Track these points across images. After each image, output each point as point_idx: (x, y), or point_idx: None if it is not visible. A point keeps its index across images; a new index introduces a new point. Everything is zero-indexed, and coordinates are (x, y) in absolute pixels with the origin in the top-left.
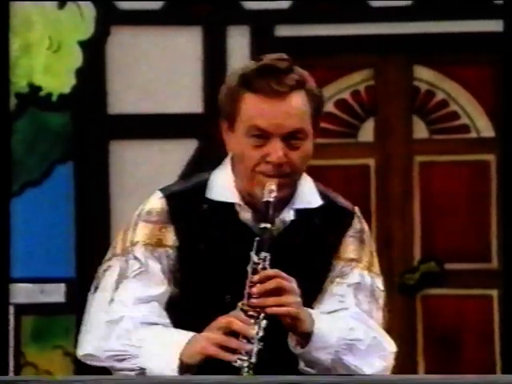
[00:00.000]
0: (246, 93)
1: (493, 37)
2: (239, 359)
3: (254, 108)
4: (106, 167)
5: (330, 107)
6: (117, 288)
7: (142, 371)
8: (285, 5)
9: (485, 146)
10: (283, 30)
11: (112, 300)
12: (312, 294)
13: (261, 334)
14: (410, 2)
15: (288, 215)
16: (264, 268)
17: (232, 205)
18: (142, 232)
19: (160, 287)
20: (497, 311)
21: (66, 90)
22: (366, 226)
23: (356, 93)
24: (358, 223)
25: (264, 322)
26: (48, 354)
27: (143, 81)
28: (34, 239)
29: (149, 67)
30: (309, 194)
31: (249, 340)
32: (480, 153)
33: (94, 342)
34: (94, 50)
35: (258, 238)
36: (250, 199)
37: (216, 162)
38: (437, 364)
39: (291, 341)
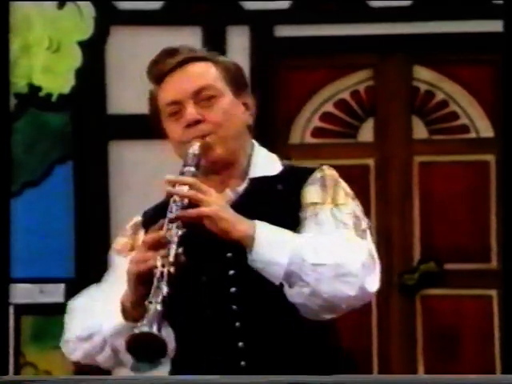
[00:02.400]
0: (158, 87)
1: (492, 37)
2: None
3: (162, 91)
4: (105, 167)
5: (329, 107)
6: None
7: (108, 346)
8: (284, 5)
9: (484, 146)
10: (283, 30)
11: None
12: None
13: (176, 239)
14: (409, 2)
15: (241, 186)
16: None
17: None
18: (114, 247)
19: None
20: (496, 311)
21: (66, 90)
22: (330, 173)
23: (356, 93)
24: (319, 173)
25: (178, 231)
26: (48, 354)
27: (143, 81)
28: (34, 239)
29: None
30: (264, 163)
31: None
32: (479, 153)
33: (68, 331)
34: (94, 50)
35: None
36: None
37: None
38: (436, 364)
39: (247, 254)
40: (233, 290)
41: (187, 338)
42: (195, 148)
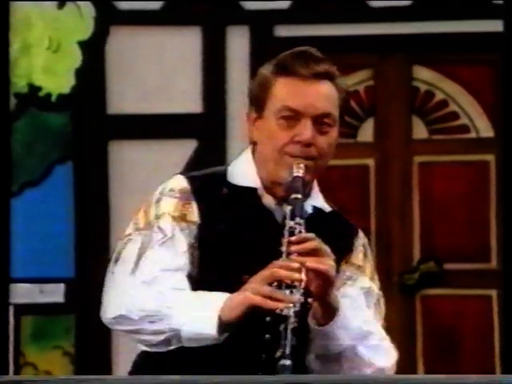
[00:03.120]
0: (279, 78)
1: (492, 37)
2: (285, 307)
3: (286, 89)
4: (105, 167)
5: None
6: (141, 257)
7: (172, 333)
8: (284, 5)
9: (484, 146)
10: (283, 30)
11: (137, 267)
12: None
13: (301, 289)
14: (409, 2)
15: (307, 208)
16: (300, 232)
17: (254, 190)
18: (166, 205)
19: (185, 258)
20: (496, 311)
21: (66, 90)
22: (367, 242)
23: (355, 93)
24: (363, 237)
25: (304, 276)
26: (47, 354)
27: (142, 81)
28: (34, 239)
29: (148, 67)
30: (321, 197)
31: (291, 291)
32: (479, 153)
33: (126, 304)
34: (94, 50)
35: (290, 207)
36: (271, 187)
37: (215, 162)
38: (436, 364)
39: (312, 318)
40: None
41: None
42: (300, 172)
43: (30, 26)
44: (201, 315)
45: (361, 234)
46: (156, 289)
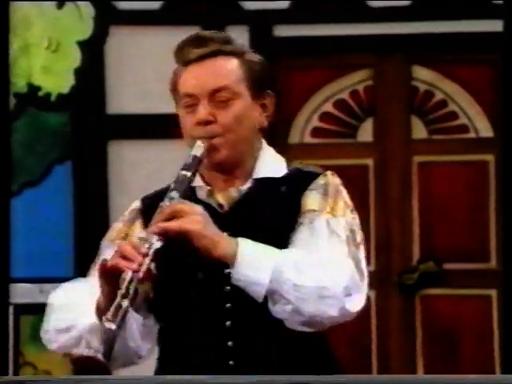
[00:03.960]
0: (180, 70)
1: (492, 37)
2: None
3: (183, 78)
4: (104, 167)
5: (328, 107)
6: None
7: (84, 341)
8: (284, 5)
9: (484, 146)
10: (282, 30)
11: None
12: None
13: (151, 252)
14: (408, 2)
15: (245, 185)
16: None
17: (194, 188)
18: (110, 232)
19: None
20: (496, 311)
21: (65, 89)
22: (334, 181)
23: (355, 93)
24: (323, 180)
25: (156, 245)
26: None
27: (142, 81)
28: (33, 239)
29: (147, 67)
30: (271, 165)
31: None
32: (479, 153)
33: (48, 321)
34: (93, 50)
35: (173, 179)
36: (207, 177)
37: None
38: (436, 364)
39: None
40: (227, 288)
41: (175, 336)
42: (198, 151)
43: (30, 26)
44: (89, 310)
45: (321, 177)
46: (71, 299)
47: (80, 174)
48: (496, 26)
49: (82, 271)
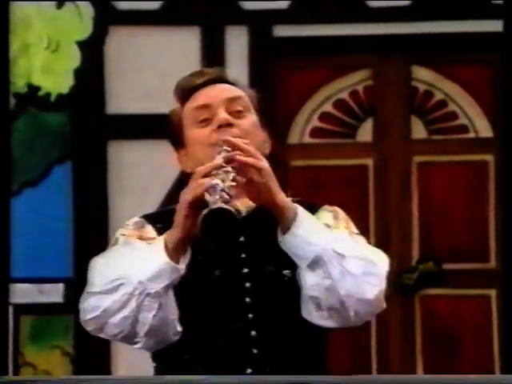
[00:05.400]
0: (184, 106)
1: (492, 37)
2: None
3: (191, 104)
4: (104, 167)
5: (328, 107)
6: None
7: (140, 286)
8: (283, 5)
9: (483, 146)
10: (281, 30)
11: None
12: (293, 267)
13: (231, 177)
14: (408, 2)
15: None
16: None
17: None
18: (120, 231)
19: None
20: (495, 311)
21: (65, 90)
22: (340, 209)
23: (354, 93)
24: (330, 206)
25: (232, 173)
26: (46, 354)
27: (141, 81)
28: (32, 239)
29: (147, 67)
30: None
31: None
32: (478, 153)
33: (92, 284)
34: (93, 50)
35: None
36: None
37: None
38: (435, 363)
39: (279, 232)
40: (247, 284)
41: (198, 332)
42: (227, 148)
43: (29, 26)
44: (147, 256)
45: (326, 207)
46: (116, 255)
47: (80, 174)
48: (496, 26)
49: (80, 271)
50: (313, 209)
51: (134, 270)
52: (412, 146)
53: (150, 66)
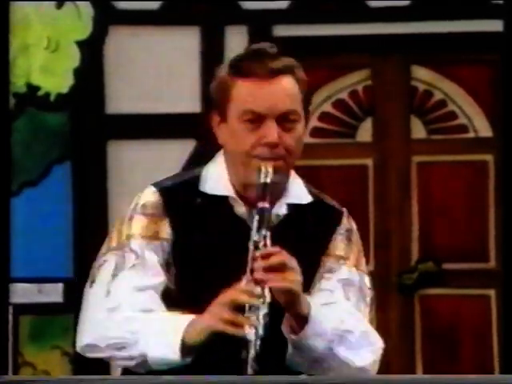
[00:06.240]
0: (237, 79)
1: (492, 37)
2: (248, 333)
3: (246, 92)
4: (103, 167)
5: (327, 107)
6: (113, 280)
7: (142, 359)
8: (283, 5)
9: (483, 145)
10: (281, 30)
11: (109, 292)
12: (304, 288)
13: (266, 310)
14: (408, 2)
15: (281, 209)
16: (265, 245)
17: (226, 198)
18: (138, 225)
19: (157, 277)
20: (495, 311)
21: (64, 89)
22: (354, 226)
23: (354, 93)
24: (347, 222)
25: (268, 296)
26: (46, 353)
27: (141, 81)
28: (32, 239)
29: (147, 67)
30: (299, 190)
31: (253, 312)
32: (478, 153)
33: (93, 332)
34: (92, 50)
35: (256, 217)
36: (243, 192)
37: None
38: (435, 363)
39: (285, 327)
40: None
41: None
42: (269, 177)
43: (29, 26)
44: (164, 340)
45: (344, 219)
46: (122, 314)
47: (79, 174)
48: (496, 25)
49: (80, 271)
50: (336, 215)
51: (141, 339)
52: (412, 145)
53: (150, 66)
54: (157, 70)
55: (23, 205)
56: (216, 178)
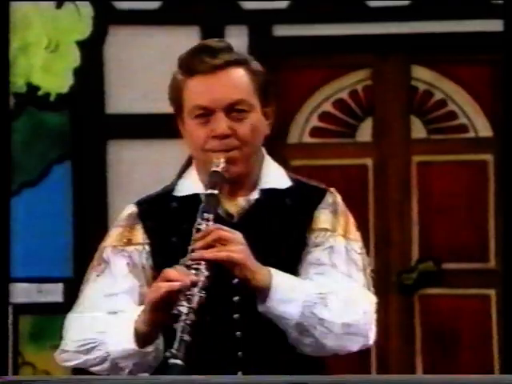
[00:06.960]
0: (186, 79)
1: (492, 37)
2: (179, 305)
3: (193, 89)
4: (103, 167)
5: (327, 107)
6: (84, 289)
7: (111, 359)
8: (282, 4)
9: (483, 145)
10: (281, 30)
11: (79, 301)
12: (290, 269)
13: (201, 283)
14: (408, 2)
15: (252, 195)
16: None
17: (197, 196)
18: (112, 236)
19: (127, 282)
20: (495, 311)
21: (64, 89)
22: (339, 200)
23: (354, 92)
24: (331, 197)
25: (205, 273)
26: (46, 353)
27: (141, 80)
28: (32, 239)
29: (146, 67)
30: (275, 176)
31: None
32: (478, 152)
33: (65, 337)
34: (92, 50)
35: (202, 204)
36: None
37: None
38: (435, 363)
39: (258, 302)
40: (236, 298)
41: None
42: (219, 166)
43: (29, 26)
44: (121, 332)
45: (328, 195)
46: (91, 316)
47: (79, 174)
48: (496, 25)
49: (80, 271)
50: (318, 193)
51: (107, 338)
52: (411, 145)
53: (150, 66)
54: (157, 69)
55: (23, 205)
56: (188, 181)
